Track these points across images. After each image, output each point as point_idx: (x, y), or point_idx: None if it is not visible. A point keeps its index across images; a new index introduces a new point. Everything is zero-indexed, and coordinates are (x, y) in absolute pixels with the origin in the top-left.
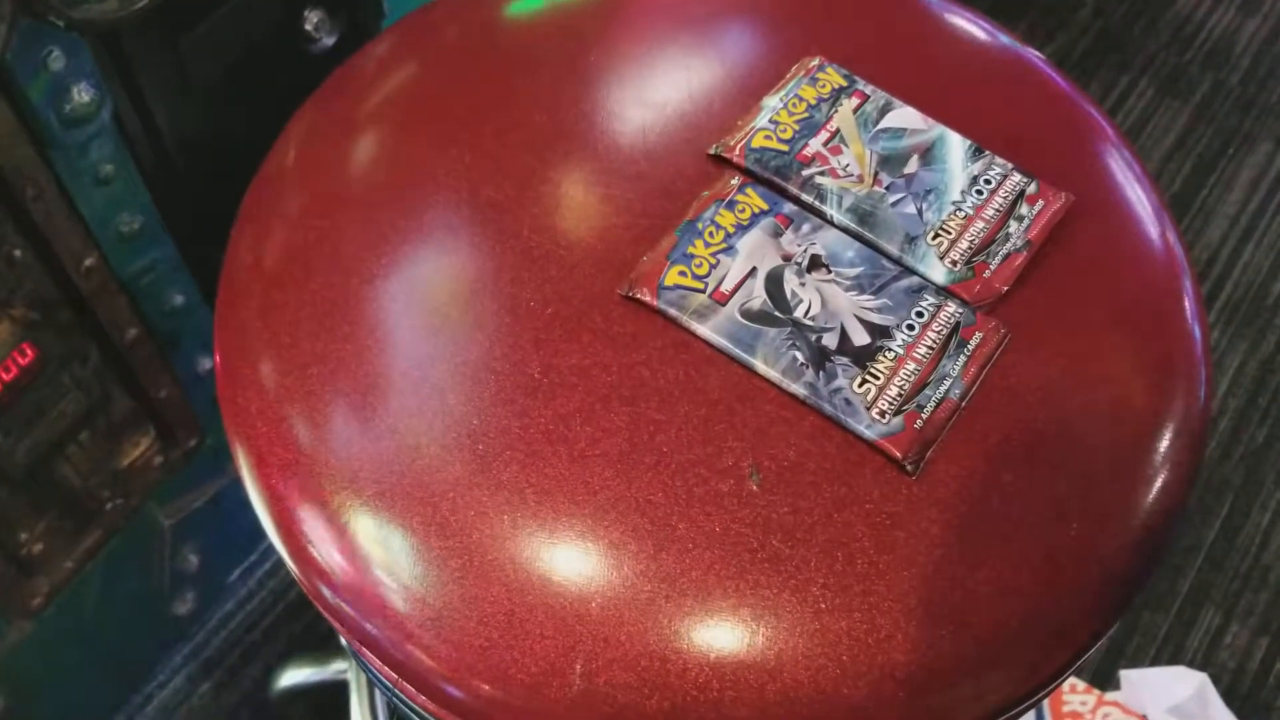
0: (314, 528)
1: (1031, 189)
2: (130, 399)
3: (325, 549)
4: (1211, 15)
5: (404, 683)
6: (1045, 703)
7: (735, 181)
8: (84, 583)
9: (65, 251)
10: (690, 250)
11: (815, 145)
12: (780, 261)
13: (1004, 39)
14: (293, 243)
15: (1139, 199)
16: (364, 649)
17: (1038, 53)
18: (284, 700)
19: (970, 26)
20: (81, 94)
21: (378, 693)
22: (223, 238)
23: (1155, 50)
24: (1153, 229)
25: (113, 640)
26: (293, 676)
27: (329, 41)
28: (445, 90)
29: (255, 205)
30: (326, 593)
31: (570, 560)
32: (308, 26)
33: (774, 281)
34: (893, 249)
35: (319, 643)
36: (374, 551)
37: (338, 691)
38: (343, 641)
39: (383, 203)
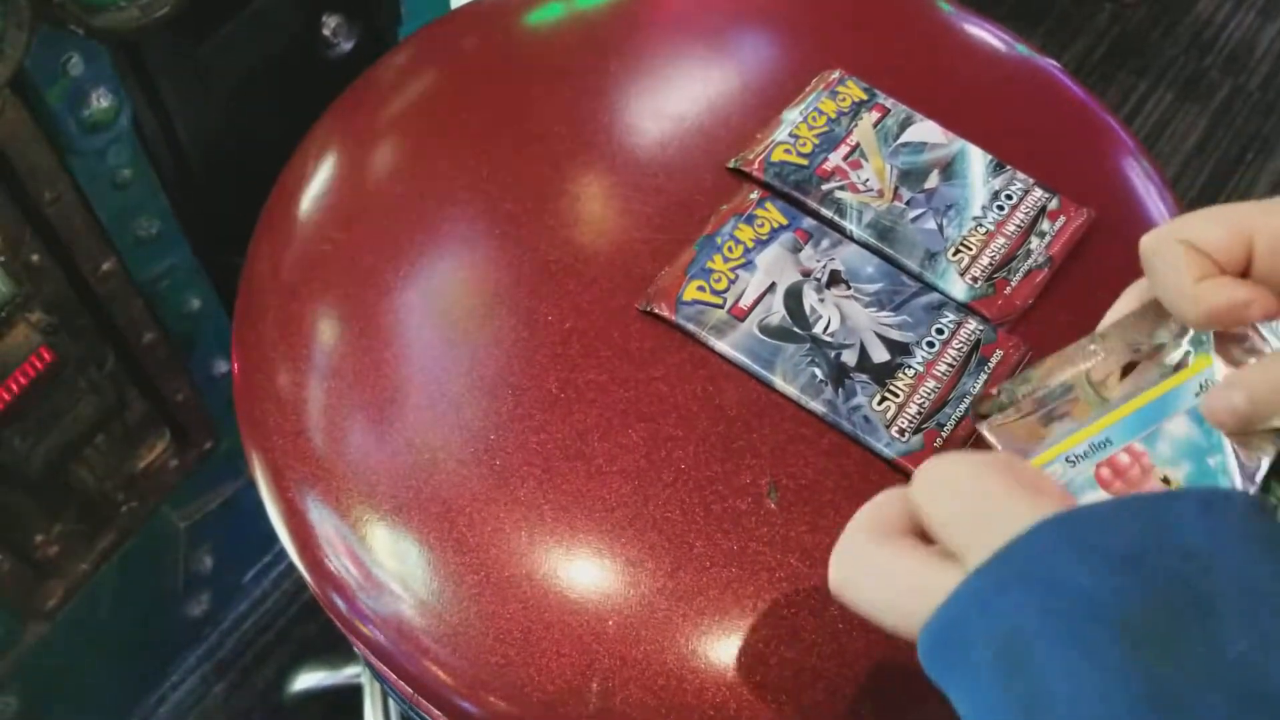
0: (330, 541)
1: (1053, 204)
2: (146, 402)
3: (342, 562)
4: (1231, 20)
5: (419, 698)
6: None
7: (754, 196)
8: (99, 584)
9: (83, 256)
10: (709, 265)
11: (835, 159)
12: (799, 277)
13: (1022, 50)
14: (311, 255)
15: (1160, 212)
16: (379, 663)
17: (1056, 63)
18: (297, 704)
19: (990, 38)
20: (100, 100)
21: (390, 698)
22: (239, 242)
23: (1174, 55)
24: None
25: (127, 642)
26: (306, 681)
27: (346, 46)
28: (464, 102)
29: (274, 217)
30: (342, 606)
31: (587, 577)
32: (325, 32)
33: (793, 297)
34: (913, 265)
35: (333, 644)
36: (390, 566)
37: (351, 695)
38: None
39: (401, 216)
